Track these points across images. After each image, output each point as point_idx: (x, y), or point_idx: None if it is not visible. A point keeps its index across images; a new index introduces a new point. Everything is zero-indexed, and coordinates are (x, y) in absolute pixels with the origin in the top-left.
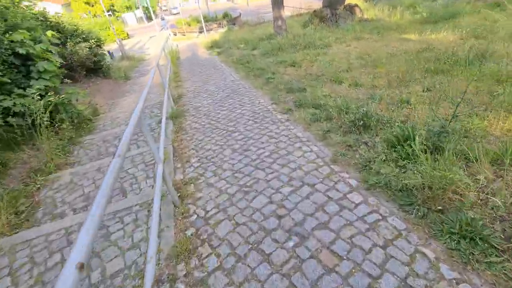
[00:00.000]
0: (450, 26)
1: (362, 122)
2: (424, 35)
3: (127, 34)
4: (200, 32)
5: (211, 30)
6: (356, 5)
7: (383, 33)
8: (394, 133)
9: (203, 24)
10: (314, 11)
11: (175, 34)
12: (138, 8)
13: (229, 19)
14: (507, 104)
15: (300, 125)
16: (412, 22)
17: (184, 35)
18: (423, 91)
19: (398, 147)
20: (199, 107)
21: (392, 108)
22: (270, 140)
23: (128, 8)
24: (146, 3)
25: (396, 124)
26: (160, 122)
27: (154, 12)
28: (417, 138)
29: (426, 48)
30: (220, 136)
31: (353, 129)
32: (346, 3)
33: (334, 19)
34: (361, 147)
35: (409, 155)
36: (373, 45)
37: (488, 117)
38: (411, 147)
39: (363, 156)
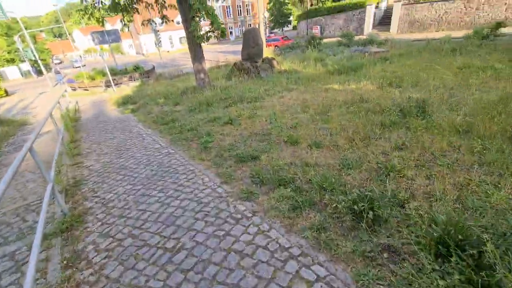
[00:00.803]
0: (361, 76)
1: (372, 213)
2: (345, 85)
3: (5, 91)
4: (108, 87)
5: (120, 84)
6: (273, 58)
7: (307, 84)
8: (434, 232)
9: (110, 78)
10: (235, 63)
11: (74, 90)
12: (25, 61)
13: (142, 72)
14: None
15: (276, 221)
16: (325, 73)
17: (86, 90)
18: (396, 149)
19: (453, 258)
20: (110, 202)
21: (380, 179)
22: (243, 262)
23: (10, 61)
24: (34, 56)
25: (414, 211)
26: (31, 248)
27: (45, 65)
28: (488, 244)
29: (361, 99)
30: (154, 267)
31: (358, 222)
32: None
33: (255, 71)
34: (395, 263)
35: (480, 268)
36: (305, 96)
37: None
38: (479, 256)
39: (408, 279)
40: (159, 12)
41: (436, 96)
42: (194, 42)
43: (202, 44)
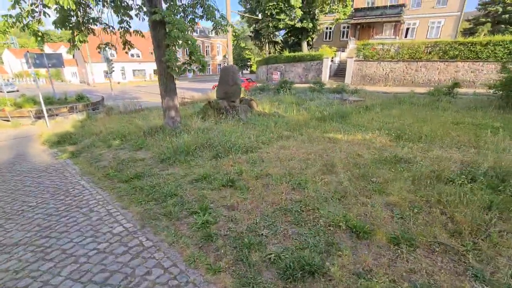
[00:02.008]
0: (352, 125)
1: None
2: (348, 135)
3: None
4: (39, 118)
5: (56, 115)
6: (252, 99)
7: (300, 130)
8: None
9: (43, 107)
10: (209, 102)
11: None
12: None
13: (87, 103)
14: None
15: None
16: (312, 119)
17: (7, 120)
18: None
19: None
20: None
21: None
22: None
23: None
24: None
25: None
26: None
27: None
28: None
29: (396, 158)
30: None
31: None
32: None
33: (233, 112)
34: None
35: None
36: (310, 147)
37: None
38: None
39: None
40: (120, 37)
41: (490, 160)
42: (167, 74)
43: (149, 77)
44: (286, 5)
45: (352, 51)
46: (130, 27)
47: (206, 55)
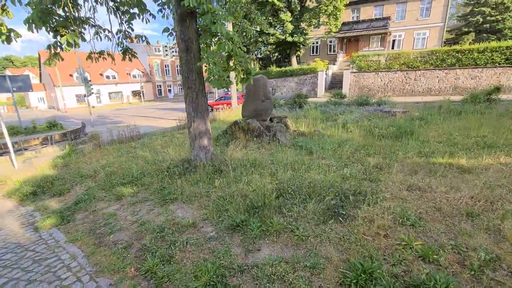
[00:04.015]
0: (448, 143)
1: None
2: (462, 158)
3: None
4: (0, 155)
5: (25, 150)
6: (286, 117)
7: (390, 157)
8: None
9: (8, 140)
10: (236, 122)
11: None
12: None
13: (65, 131)
14: None
15: None
16: (368, 136)
17: None
18: None
19: None
20: None
21: None
22: None
23: None
24: None
25: None
26: None
27: None
28: None
29: None
30: None
31: None
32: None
33: (269, 133)
34: None
35: None
36: (446, 186)
37: None
38: None
39: None
40: (118, 44)
41: None
42: (198, 88)
43: (138, 100)
44: (276, 19)
45: (342, 64)
46: (132, 30)
47: None
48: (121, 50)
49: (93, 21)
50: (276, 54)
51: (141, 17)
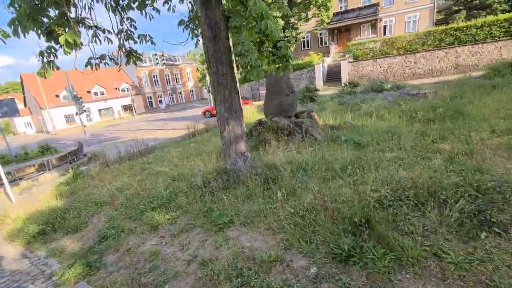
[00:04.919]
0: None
1: None
2: None
3: None
4: None
5: (20, 179)
6: (312, 110)
7: (453, 138)
8: None
9: (1, 172)
10: (260, 122)
11: None
12: None
13: (63, 154)
14: None
15: None
16: (408, 122)
17: None
18: None
19: None
20: None
21: None
22: None
23: None
24: None
25: None
26: None
27: None
28: None
29: None
30: None
31: None
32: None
33: (300, 130)
34: None
35: None
36: None
37: None
38: None
39: None
40: (119, 49)
41: None
42: (230, 83)
43: (130, 114)
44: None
45: (336, 55)
46: (135, 28)
47: (176, 83)
48: (124, 53)
49: (89, 21)
50: None
51: (144, 12)
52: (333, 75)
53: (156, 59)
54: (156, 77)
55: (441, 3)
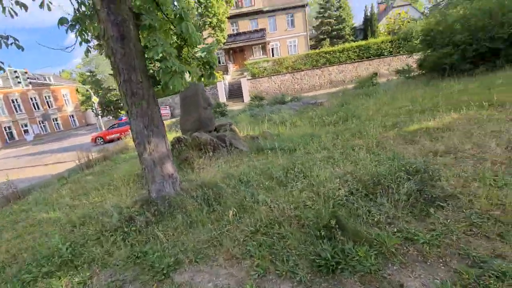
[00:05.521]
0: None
1: None
2: (430, 121)
3: None
4: None
5: None
6: (231, 123)
7: (360, 135)
8: None
9: None
10: (179, 139)
11: None
12: None
13: None
14: None
15: None
16: (324, 126)
17: None
18: None
19: None
20: None
21: None
22: None
23: None
24: None
25: None
26: None
27: None
28: None
29: None
30: None
31: None
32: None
33: (225, 144)
34: None
35: None
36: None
37: None
38: None
39: None
40: None
41: None
42: (147, 91)
43: None
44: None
45: (234, 73)
46: None
47: (49, 107)
48: None
49: None
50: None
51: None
52: (234, 92)
53: (17, 77)
54: (17, 101)
55: (311, 32)
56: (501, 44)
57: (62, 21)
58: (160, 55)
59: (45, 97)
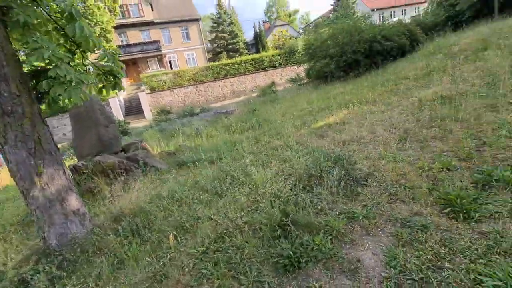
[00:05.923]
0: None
1: None
2: (330, 118)
3: None
4: None
5: None
6: (142, 140)
7: (278, 136)
8: None
9: None
10: (75, 167)
11: None
12: None
13: None
14: None
15: None
16: (239, 132)
17: None
18: None
19: None
20: None
21: None
22: None
23: None
24: None
25: None
26: None
27: None
28: None
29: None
30: None
31: None
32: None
33: (138, 165)
34: None
35: None
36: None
37: None
38: None
39: None
40: None
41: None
42: (30, 106)
43: None
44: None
45: (129, 88)
46: None
47: None
48: None
49: None
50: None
51: None
52: (132, 108)
53: None
54: None
55: (207, 45)
56: (360, 56)
57: None
58: (47, 60)
59: None
